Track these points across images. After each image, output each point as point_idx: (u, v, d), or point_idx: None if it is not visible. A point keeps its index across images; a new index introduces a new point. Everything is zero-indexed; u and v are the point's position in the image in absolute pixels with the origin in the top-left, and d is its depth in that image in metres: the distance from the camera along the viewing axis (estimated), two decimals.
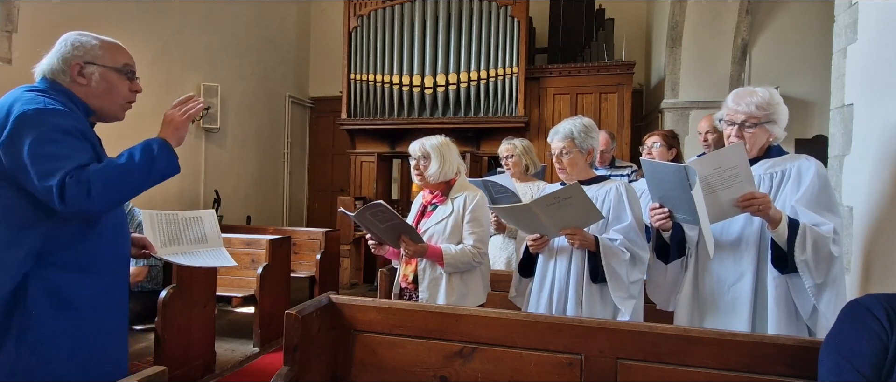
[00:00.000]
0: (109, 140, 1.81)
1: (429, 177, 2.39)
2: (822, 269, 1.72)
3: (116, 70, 1.66)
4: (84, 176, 1.43)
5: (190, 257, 1.99)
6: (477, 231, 2.33)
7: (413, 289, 2.39)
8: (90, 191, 1.42)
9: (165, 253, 1.94)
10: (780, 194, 1.84)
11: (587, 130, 2.20)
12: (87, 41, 1.63)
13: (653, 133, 3.22)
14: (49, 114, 1.46)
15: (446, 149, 2.40)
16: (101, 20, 4.82)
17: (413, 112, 6.61)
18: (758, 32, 6.14)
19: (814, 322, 1.78)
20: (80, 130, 1.51)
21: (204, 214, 2.11)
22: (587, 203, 1.95)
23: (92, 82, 1.61)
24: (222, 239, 2.13)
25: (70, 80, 1.60)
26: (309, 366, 1.68)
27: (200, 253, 2.02)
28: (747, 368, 1.45)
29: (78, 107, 1.59)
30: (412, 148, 2.43)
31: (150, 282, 3.48)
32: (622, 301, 2.07)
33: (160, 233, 1.94)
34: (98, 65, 1.62)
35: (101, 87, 1.63)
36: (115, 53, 1.67)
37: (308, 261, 5.32)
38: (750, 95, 1.86)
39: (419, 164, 2.40)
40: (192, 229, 2.03)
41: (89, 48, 1.62)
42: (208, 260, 2.03)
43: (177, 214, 2.02)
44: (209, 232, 2.07)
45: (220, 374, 3.63)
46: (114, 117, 1.70)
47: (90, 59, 1.61)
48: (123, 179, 1.51)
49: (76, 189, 1.41)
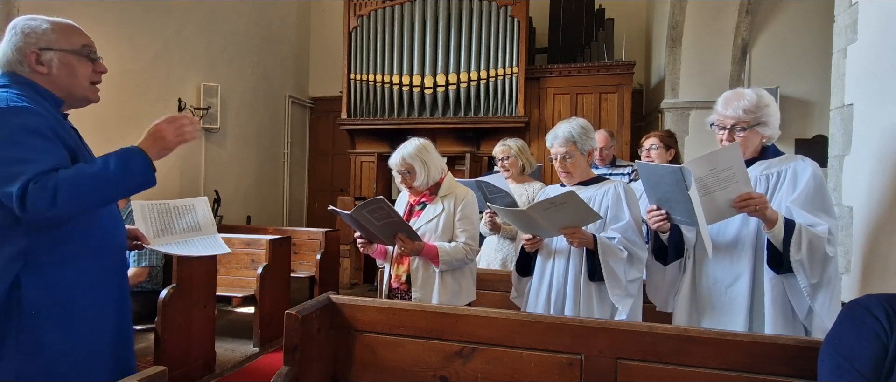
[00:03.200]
0: (108, 140, 1.79)
1: (418, 187, 2.39)
2: (817, 269, 1.73)
3: (75, 53, 1.54)
4: (50, 182, 1.34)
5: (183, 246, 1.94)
6: (468, 228, 2.36)
7: (405, 290, 2.39)
8: (56, 198, 1.33)
9: (158, 243, 1.89)
10: (775, 195, 1.84)
11: (586, 132, 2.21)
12: (37, 26, 1.51)
13: (650, 134, 3.20)
14: (12, 113, 1.37)
15: (426, 154, 2.37)
16: (100, 20, 4.82)
17: (413, 112, 6.61)
18: (758, 32, 6.14)
19: (810, 323, 1.79)
20: (49, 127, 1.42)
21: (196, 202, 2.06)
22: (583, 206, 1.96)
23: (52, 69, 1.51)
24: (216, 226, 2.08)
25: (29, 70, 1.49)
26: (309, 366, 1.68)
27: (193, 241, 1.98)
28: (747, 368, 1.45)
29: (45, 98, 1.49)
30: (392, 162, 2.39)
31: (150, 282, 3.47)
32: (620, 299, 2.08)
33: (152, 224, 1.89)
34: (55, 50, 1.51)
35: (62, 73, 1.52)
36: (71, 35, 1.55)
37: (308, 261, 5.32)
38: (737, 99, 1.86)
39: (405, 178, 2.39)
40: (184, 217, 1.99)
41: (42, 33, 1.50)
42: (202, 248, 1.98)
43: (168, 203, 1.97)
44: (202, 219, 2.02)
45: (220, 374, 3.63)
46: (86, 101, 1.60)
47: (45, 44, 1.50)
48: (94, 188, 1.42)
49: (40, 195, 1.32)
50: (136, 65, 5.28)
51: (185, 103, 5.86)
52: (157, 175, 1.58)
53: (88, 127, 1.65)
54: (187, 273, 3.28)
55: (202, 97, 6.10)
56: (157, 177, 1.58)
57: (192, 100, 6.02)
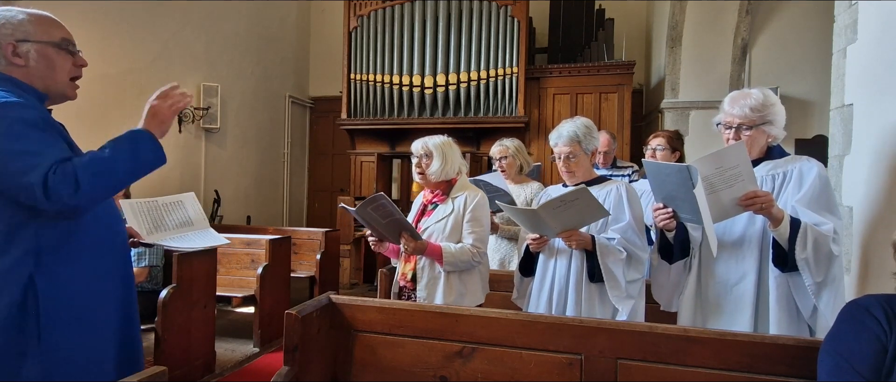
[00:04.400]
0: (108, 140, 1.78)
1: (430, 176, 2.39)
2: (821, 268, 1.73)
3: (54, 45, 1.50)
4: (69, 169, 1.33)
5: (181, 240, 1.95)
6: (477, 230, 2.33)
7: (412, 288, 2.39)
8: (79, 186, 1.32)
9: (153, 239, 1.89)
10: (781, 195, 1.85)
11: (589, 131, 2.22)
12: (13, 16, 1.45)
13: (657, 134, 3.15)
14: (6, 107, 1.34)
15: (448, 148, 2.42)
16: (101, 20, 4.82)
17: (413, 112, 6.61)
18: (758, 32, 6.14)
19: (815, 322, 1.80)
20: (44, 120, 1.40)
21: (184, 198, 2.06)
22: (593, 203, 1.97)
23: (30, 61, 1.46)
24: (207, 220, 2.08)
25: (6, 63, 1.44)
26: (309, 366, 1.68)
27: (190, 235, 1.99)
28: (747, 368, 1.45)
29: (28, 93, 1.45)
30: (415, 146, 2.44)
31: (150, 282, 3.47)
32: (619, 300, 2.08)
33: (143, 221, 1.90)
34: (32, 42, 1.46)
35: (41, 66, 1.47)
36: (49, 27, 1.50)
37: (308, 261, 5.32)
38: (744, 98, 1.87)
39: (421, 162, 2.40)
40: (175, 213, 1.99)
41: (18, 24, 1.45)
42: (200, 240, 1.99)
43: (156, 200, 1.97)
44: (193, 214, 2.03)
45: (220, 374, 3.63)
46: (64, 97, 1.56)
47: (22, 36, 1.45)
48: (112, 172, 1.41)
49: (63, 182, 1.31)
50: (136, 65, 5.28)
51: None
52: (157, 175, 1.58)
53: (88, 127, 1.66)
54: (187, 273, 3.28)
55: (202, 97, 6.10)
56: (157, 177, 1.58)
57: (192, 101, 6.02)
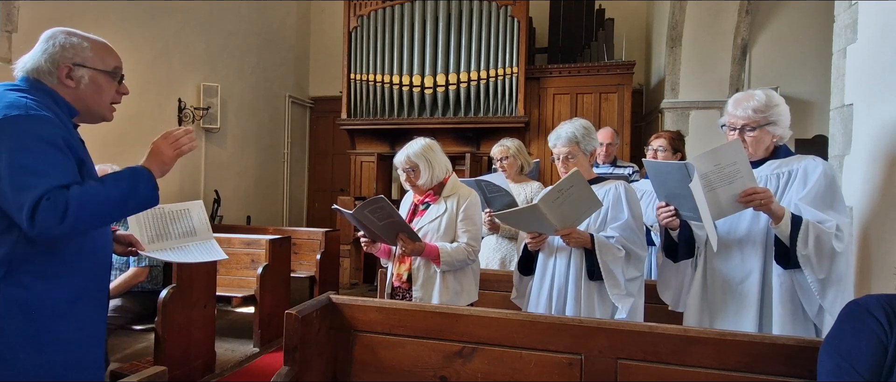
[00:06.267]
0: (108, 140, 1.78)
1: (422, 186, 2.40)
2: (824, 264, 1.73)
3: (106, 73, 1.58)
4: (62, 199, 1.34)
5: (179, 253, 1.91)
6: (471, 229, 2.36)
7: (407, 288, 2.39)
8: (65, 217, 1.33)
9: (153, 249, 1.86)
10: (786, 194, 1.85)
11: (588, 132, 2.24)
12: (77, 43, 1.53)
13: (659, 135, 3.15)
14: (32, 121, 1.37)
15: (431, 153, 2.39)
16: (101, 20, 4.82)
17: (413, 112, 6.61)
18: (758, 32, 6.14)
19: (820, 321, 1.79)
20: (63, 139, 1.43)
21: (191, 206, 2.02)
22: (587, 190, 1.98)
23: (80, 85, 1.53)
24: (211, 231, 2.05)
25: (57, 82, 1.51)
26: (309, 366, 1.68)
27: (190, 247, 1.95)
28: (747, 368, 1.45)
29: (61, 108, 1.50)
30: (397, 160, 2.41)
31: (150, 282, 3.47)
32: (619, 298, 2.08)
33: (147, 229, 1.87)
34: (88, 68, 1.54)
35: (89, 90, 1.55)
36: (106, 55, 1.59)
37: (308, 261, 5.32)
38: (748, 99, 1.88)
39: (409, 176, 2.40)
40: (180, 223, 1.96)
41: (80, 50, 1.53)
42: (198, 254, 1.95)
43: (163, 208, 1.93)
44: (197, 224, 1.99)
45: (220, 374, 3.63)
46: (100, 118, 1.62)
47: (80, 61, 1.53)
48: (102, 207, 1.42)
49: (51, 212, 1.32)
50: (136, 65, 5.27)
51: (185, 103, 5.86)
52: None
53: (88, 126, 1.65)
54: (187, 273, 3.28)
55: (202, 97, 6.10)
56: None
57: (192, 100, 6.02)
